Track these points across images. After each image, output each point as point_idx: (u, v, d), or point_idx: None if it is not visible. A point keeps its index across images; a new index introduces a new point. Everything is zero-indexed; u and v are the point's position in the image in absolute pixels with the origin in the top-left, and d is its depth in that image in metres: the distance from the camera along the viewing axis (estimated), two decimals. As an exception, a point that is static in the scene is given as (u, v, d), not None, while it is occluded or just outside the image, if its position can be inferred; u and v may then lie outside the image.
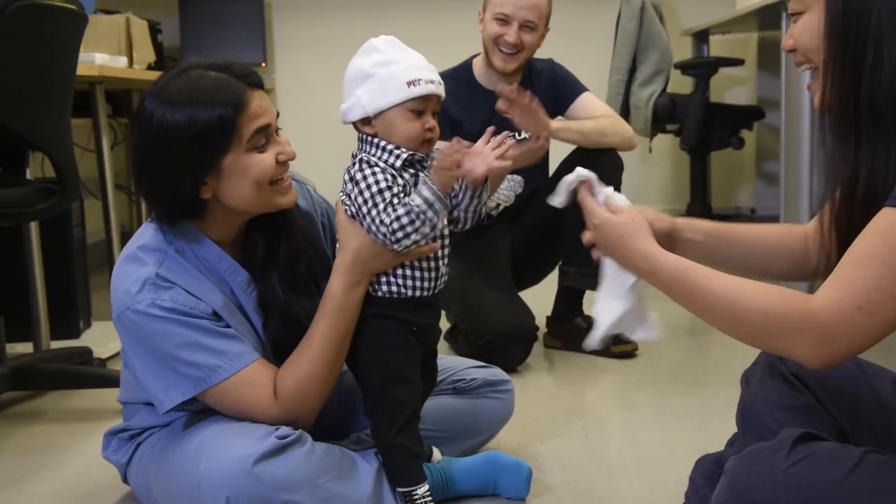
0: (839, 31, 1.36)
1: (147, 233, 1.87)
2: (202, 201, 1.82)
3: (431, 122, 1.84)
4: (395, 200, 1.77)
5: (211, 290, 1.85)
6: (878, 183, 1.34)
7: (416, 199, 1.75)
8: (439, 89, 1.84)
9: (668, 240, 1.70)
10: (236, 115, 1.76)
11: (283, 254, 1.93)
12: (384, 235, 1.76)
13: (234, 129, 1.76)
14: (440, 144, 1.88)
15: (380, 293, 1.87)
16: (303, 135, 5.77)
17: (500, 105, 2.74)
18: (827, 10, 1.37)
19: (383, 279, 1.86)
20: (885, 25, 1.32)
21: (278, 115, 1.88)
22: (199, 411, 1.89)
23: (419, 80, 1.81)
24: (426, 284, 1.88)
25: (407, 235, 1.75)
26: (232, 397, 1.81)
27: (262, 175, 1.80)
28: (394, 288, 1.86)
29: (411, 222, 1.74)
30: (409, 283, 1.86)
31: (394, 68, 1.82)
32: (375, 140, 1.83)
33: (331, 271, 1.91)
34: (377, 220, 1.76)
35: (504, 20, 3.00)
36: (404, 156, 1.81)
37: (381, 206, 1.76)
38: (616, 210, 1.64)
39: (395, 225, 1.74)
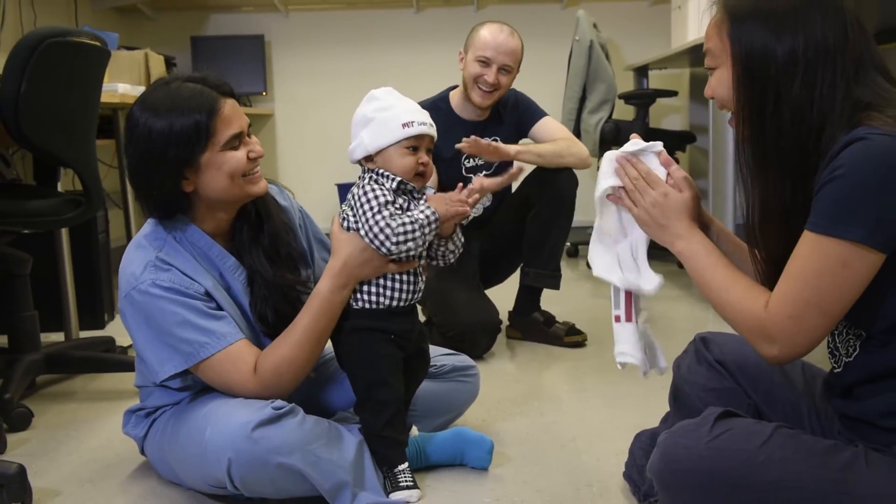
0: (745, 80, 1.37)
1: (149, 225, 1.91)
2: (186, 195, 1.85)
3: (425, 157, 1.87)
4: (399, 212, 1.80)
5: (203, 273, 1.87)
6: (789, 206, 1.36)
7: (419, 215, 1.78)
8: (431, 130, 1.88)
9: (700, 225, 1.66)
10: (210, 119, 1.79)
11: (266, 234, 1.96)
12: (386, 237, 1.77)
13: (209, 132, 1.79)
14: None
15: (359, 304, 1.87)
16: (298, 154, 5.79)
17: (465, 148, 2.81)
18: (733, 64, 1.38)
19: (364, 288, 1.87)
20: (783, 72, 1.33)
21: (251, 124, 1.91)
22: (202, 390, 1.91)
23: (413, 121, 1.84)
24: (403, 296, 1.89)
25: (405, 241, 1.77)
26: (216, 371, 1.82)
27: (236, 169, 1.83)
28: (373, 298, 1.87)
29: (412, 230, 1.76)
30: (388, 293, 1.87)
31: (391, 112, 1.85)
32: (376, 169, 1.86)
33: (308, 261, 2.00)
34: (381, 224, 1.77)
35: (485, 62, 3.01)
36: (397, 180, 1.84)
37: (387, 214, 1.78)
38: (679, 184, 1.57)
39: (399, 230, 1.76)
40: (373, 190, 1.81)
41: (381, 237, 1.77)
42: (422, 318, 2.58)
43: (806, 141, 1.33)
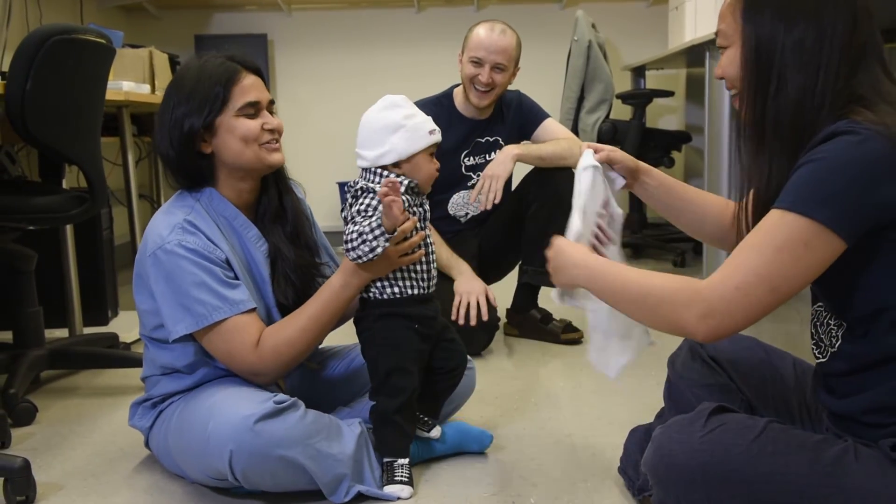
0: (751, 63, 1.38)
1: (177, 195, 1.98)
2: (205, 158, 1.92)
3: (437, 163, 1.93)
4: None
5: (225, 241, 1.91)
6: (781, 186, 1.35)
7: (362, 224, 1.79)
8: (441, 138, 1.94)
9: (631, 176, 1.74)
10: (227, 88, 1.89)
11: (289, 214, 2.02)
12: (344, 244, 1.81)
13: (225, 97, 1.89)
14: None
15: (384, 296, 1.90)
16: (299, 151, 5.78)
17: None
18: (742, 45, 1.39)
19: (386, 283, 1.90)
20: (788, 60, 1.34)
21: (273, 101, 1.98)
22: (208, 382, 1.92)
23: (434, 129, 1.90)
24: (422, 284, 1.93)
25: (354, 248, 1.79)
26: (222, 338, 1.85)
27: (247, 134, 1.90)
28: (396, 290, 1.90)
29: (355, 239, 1.78)
30: (409, 283, 1.91)
31: (418, 120, 1.89)
32: (385, 173, 1.88)
33: (319, 252, 2.06)
34: (347, 235, 1.81)
35: (478, 62, 3.01)
36: (406, 182, 1.87)
37: (350, 223, 1.83)
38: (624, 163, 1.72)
39: (347, 238, 1.80)
40: (363, 201, 1.84)
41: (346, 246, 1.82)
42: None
43: (803, 124, 1.34)
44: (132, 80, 3.68)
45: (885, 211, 1.25)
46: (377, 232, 1.77)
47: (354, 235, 1.78)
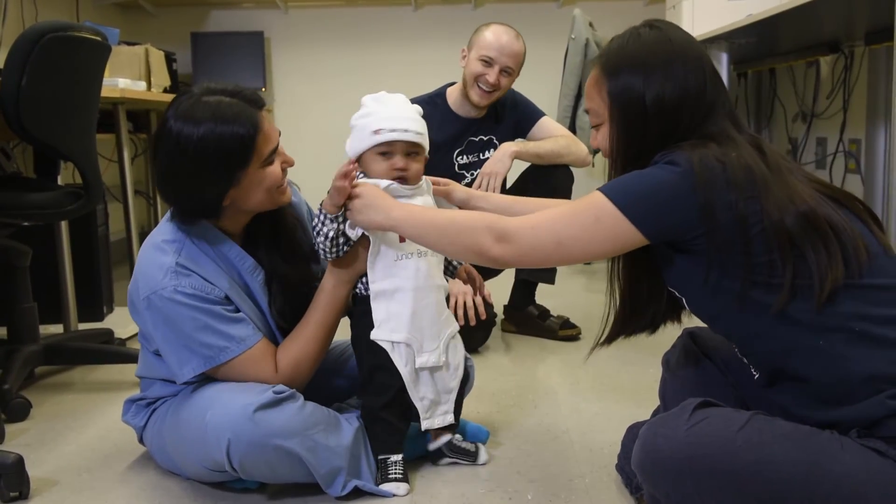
0: (620, 131, 1.54)
1: (168, 227, 1.88)
2: (222, 207, 1.85)
3: (399, 163, 1.87)
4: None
5: (221, 275, 1.87)
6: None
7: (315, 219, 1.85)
8: (404, 136, 1.86)
9: (463, 206, 1.98)
10: (254, 136, 1.78)
11: (282, 236, 1.97)
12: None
13: (253, 149, 1.78)
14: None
15: (367, 292, 1.90)
16: (296, 148, 5.75)
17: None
18: (611, 119, 1.55)
19: (367, 279, 1.89)
20: (650, 132, 1.50)
21: (280, 133, 1.90)
22: (204, 380, 1.90)
23: (381, 129, 1.85)
24: None
25: (316, 235, 1.84)
26: (237, 372, 1.83)
27: (273, 184, 1.85)
28: None
29: (313, 227, 1.84)
30: None
31: (367, 120, 1.88)
32: (358, 172, 1.90)
33: (317, 256, 1.99)
34: None
35: (488, 62, 2.98)
36: (372, 181, 1.88)
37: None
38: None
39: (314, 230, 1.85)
40: None
41: None
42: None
43: None
44: (128, 77, 3.68)
45: (682, 222, 1.40)
46: (321, 219, 1.82)
47: (314, 232, 1.85)
